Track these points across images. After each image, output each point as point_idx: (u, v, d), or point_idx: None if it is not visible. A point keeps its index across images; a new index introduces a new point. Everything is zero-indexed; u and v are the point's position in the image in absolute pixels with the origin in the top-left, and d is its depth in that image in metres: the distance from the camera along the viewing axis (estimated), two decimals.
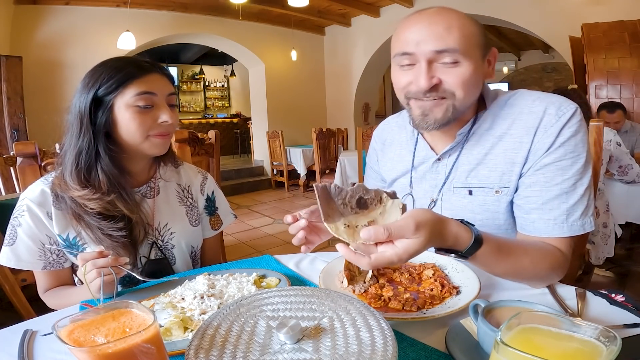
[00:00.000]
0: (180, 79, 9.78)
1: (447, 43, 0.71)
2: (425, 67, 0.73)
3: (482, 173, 0.82)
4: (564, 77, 8.87)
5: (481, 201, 0.82)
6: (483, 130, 0.83)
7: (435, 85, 0.74)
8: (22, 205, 0.85)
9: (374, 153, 1.09)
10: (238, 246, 3.49)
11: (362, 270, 0.80)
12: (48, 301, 0.89)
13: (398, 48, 0.77)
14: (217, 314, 0.46)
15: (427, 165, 0.91)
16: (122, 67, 0.83)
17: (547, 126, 0.74)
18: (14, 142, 1.26)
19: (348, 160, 3.86)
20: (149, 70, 0.86)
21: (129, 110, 0.83)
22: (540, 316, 0.40)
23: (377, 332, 0.41)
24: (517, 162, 0.78)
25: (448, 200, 0.87)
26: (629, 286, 2.26)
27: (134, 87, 0.83)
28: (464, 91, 0.74)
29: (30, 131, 4.11)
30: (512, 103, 0.81)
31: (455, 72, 0.73)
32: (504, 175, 0.79)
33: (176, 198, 1.00)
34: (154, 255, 0.93)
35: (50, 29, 4.62)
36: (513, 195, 0.79)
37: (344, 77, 6.90)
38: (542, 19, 4.27)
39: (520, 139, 0.77)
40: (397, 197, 0.62)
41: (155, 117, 0.86)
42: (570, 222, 0.73)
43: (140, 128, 0.84)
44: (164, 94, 0.87)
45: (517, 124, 0.78)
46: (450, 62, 0.72)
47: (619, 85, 3.25)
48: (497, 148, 0.80)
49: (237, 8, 5.36)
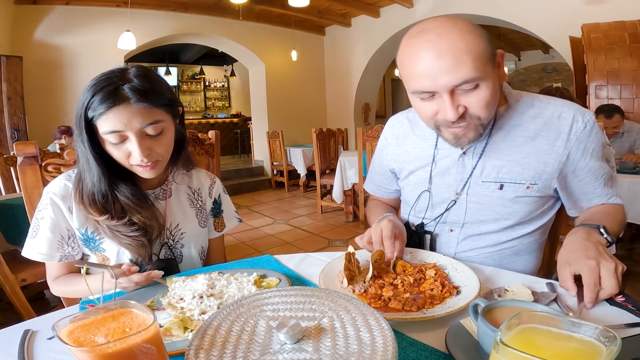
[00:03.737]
0: (180, 79, 9.78)
1: (462, 75, 0.71)
2: (448, 99, 0.74)
3: (516, 169, 0.87)
4: (564, 78, 8.87)
5: (511, 195, 0.88)
6: (510, 126, 0.87)
7: (462, 114, 0.76)
8: (45, 199, 0.87)
9: (385, 149, 1.09)
10: (238, 246, 3.49)
11: (362, 270, 0.80)
12: (55, 288, 0.93)
13: (414, 85, 0.77)
14: (217, 314, 0.46)
15: (451, 159, 0.93)
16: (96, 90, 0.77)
17: (577, 132, 0.83)
18: (14, 142, 1.26)
19: (348, 160, 3.86)
20: (118, 100, 0.76)
21: (106, 142, 0.81)
22: (540, 316, 0.40)
23: (377, 332, 0.41)
24: (549, 162, 0.85)
25: (475, 194, 0.91)
26: (629, 286, 2.26)
27: (101, 123, 0.78)
28: (489, 111, 0.77)
29: (30, 131, 4.11)
30: (539, 105, 0.87)
31: (477, 96, 0.74)
32: (537, 173, 0.86)
33: (187, 200, 1.02)
34: (164, 255, 0.96)
35: (50, 29, 4.62)
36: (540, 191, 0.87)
37: (344, 77, 6.90)
38: (542, 19, 4.27)
39: (553, 142, 0.85)
40: None
41: (128, 150, 0.81)
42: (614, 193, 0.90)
43: (119, 158, 0.83)
44: (135, 128, 0.78)
45: (549, 127, 0.85)
46: (470, 88, 0.73)
47: (619, 86, 3.25)
48: (529, 147, 0.86)
49: (237, 8, 5.37)
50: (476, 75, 0.71)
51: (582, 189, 0.89)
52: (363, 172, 3.70)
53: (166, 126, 0.85)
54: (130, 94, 0.77)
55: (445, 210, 0.94)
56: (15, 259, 1.67)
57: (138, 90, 0.78)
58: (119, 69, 0.82)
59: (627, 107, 3.15)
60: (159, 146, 0.84)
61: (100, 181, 0.84)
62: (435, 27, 0.73)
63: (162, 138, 0.84)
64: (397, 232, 0.85)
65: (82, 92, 0.79)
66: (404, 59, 0.77)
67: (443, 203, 0.95)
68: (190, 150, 1.02)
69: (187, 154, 1.00)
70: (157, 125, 0.81)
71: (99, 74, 0.81)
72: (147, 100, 0.79)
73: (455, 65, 0.70)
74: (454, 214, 0.94)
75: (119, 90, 0.77)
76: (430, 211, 0.98)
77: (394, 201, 1.16)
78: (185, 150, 0.98)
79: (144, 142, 0.81)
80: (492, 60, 0.75)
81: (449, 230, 0.96)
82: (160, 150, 0.85)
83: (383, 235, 0.83)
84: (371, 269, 0.75)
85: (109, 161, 0.84)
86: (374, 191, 1.18)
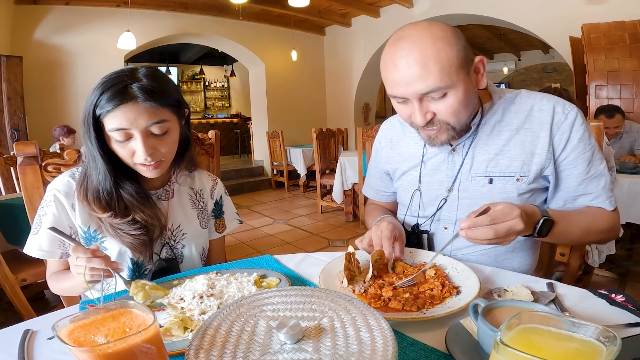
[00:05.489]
0: (180, 79, 9.79)
1: (428, 84, 0.75)
2: (417, 106, 0.79)
3: (503, 162, 0.88)
4: (564, 78, 8.87)
5: (501, 189, 0.89)
6: (494, 122, 0.90)
7: (431, 119, 0.80)
8: (49, 196, 0.88)
9: (380, 152, 1.11)
10: (238, 246, 3.49)
11: (362, 270, 0.80)
12: (51, 285, 0.93)
13: (390, 90, 0.82)
14: (217, 314, 0.46)
15: (441, 157, 0.95)
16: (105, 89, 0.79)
17: (558, 123, 0.85)
18: (14, 142, 1.26)
19: (348, 160, 3.85)
20: (126, 99, 0.78)
21: (112, 139, 0.82)
22: (540, 316, 0.40)
23: (377, 332, 0.41)
24: (536, 153, 0.86)
25: (465, 190, 0.92)
26: (629, 286, 2.25)
27: (108, 120, 0.80)
28: (457, 117, 0.80)
29: (30, 131, 4.11)
30: (520, 100, 0.90)
31: (445, 104, 0.78)
32: (525, 165, 0.87)
33: (189, 201, 1.03)
34: (165, 254, 0.96)
35: (50, 29, 4.62)
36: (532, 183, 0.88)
37: (344, 77, 6.90)
38: (542, 19, 4.26)
39: (537, 133, 0.86)
40: None
41: (133, 148, 0.82)
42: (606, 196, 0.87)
43: (124, 157, 0.84)
44: (140, 126, 0.80)
45: (530, 119, 0.87)
46: (438, 96, 0.77)
47: (619, 86, 3.25)
48: (515, 140, 0.88)
49: (237, 8, 5.36)
50: (442, 85, 0.75)
51: (565, 184, 0.88)
52: (363, 172, 3.70)
53: (171, 126, 0.86)
54: (138, 93, 0.79)
55: (438, 209, 0.95)
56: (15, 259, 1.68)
57: (146, 89, 0.79)
58: (128, 69, 0.83)
59: (627, 107, 3.15)
60: (163, 146, 0.85)
61: (105, 178, 0.85)
62: (412, 35, 0.76)
63: (167, 138, 0.86)
64: (396, 234, 0.86)
65: (91, 90, 0.81)
66: (382, 65, 0.82)
67: (435, 201, 0.96)
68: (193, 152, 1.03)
69: (191, 155, 1.01)
70: (162, 124, 0.83)
71: (109, 73, 0.82)
72: (154, 100, 0.80)
73: (423, 74, 0.74)
74: (447, 211, 0.95)
75: (127, 88, 0.79)
76: (422, 210, 0.99)
77: (392, 204, 1.17)
78: (189, 151, 0.99)
79: (148, 141, 0.82)
80: (465, 67, 0.77)
81: (443, 228, 0.97)
82: (164, 150, 0.86)
83: (382, 236, 0.84)
84: (371, 269, 0.75)
85: (114, 159, 0.85)
86: (373, 195, 1.19)
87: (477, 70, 0.81)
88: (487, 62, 0.83)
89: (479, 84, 0.83)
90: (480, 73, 0.82)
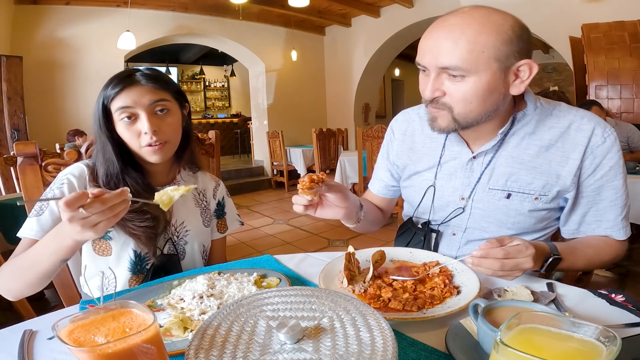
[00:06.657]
0: (180, 79, 9.78)
1: (450, 60, 0.71)
2: (432, 77, 0.75)
3: (524, 179, 0.83)
4: (564, 78, 8.86)
5: (517, 205, 0.84)
6: (524, 134, 0.84)
7: (435, 97, 0.76)
8: (62, 178, 0.89)
9: (390, 143, 1.06)
10: (238, 246, 3.49)
11: (362, 270, 0.80)
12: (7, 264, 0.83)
13: (417, 56, 0.78)
14: (217, 314, 0.46)
15: (459, 162, 0.90)
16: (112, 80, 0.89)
17: (594, 147, 0.80)
18: (14, 142, 1.26)
19: (348, 160, 3.86)
20: (130, 82, 0.87)
21: (119, 123, 0.89)
22: (540, 316, 0.40)
23: (377, 332, 0.41)
24: (562, 175, 0.81)
25: (480, 201, 0.88)
26: (629, 286, 2.25)
27: (115, 102, 0.87)
28: (465, 107, 0.76)
29: (30, 131, 4.11)
30: (558, 114, 0.83)
31: (459, 87, 0.74)
32: (547, 185, 0.82)
33: (192, 200, 1.06)
34: (167, 250, 0.98)
35: (50, 29, 4.62)
36: (550, 202, 0.83)
37: (344, 77, 6.90)
38: (542, 19, 4.26)
39: (568, 154, 0.81)
40: None
41: (138, 129, 0.88)
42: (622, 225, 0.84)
43: (130, 140, 0.89)
44: (144, 105, 0.87)
45: (565, 138, 0.81)
46: (457, 76, 0.73)
47: (619, 86, 3.25)
48: (542, 157, 0.82)
49: (237, 8, 5.37)
50: (463, 66, 0.71)
51: (583, 209, 0.84)
52: (363, 172, 3.70)
53: (173, 107, 0.93)
54: (141, 78, 0.89)
55: (452, 217, 0.92)
56: None
57: (148, 75, 0.90)
58: (134, 68, 0.94)
59: (627, 107, 3.15)
60: (167, 126, 0.91)
61: (113, 164, 0.89)
62: (466, 13, 0.73)
63: (169, 119, 0.92)
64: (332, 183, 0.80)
65: None
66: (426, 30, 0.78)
67: (447, 206, 0.93)
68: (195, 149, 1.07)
69: (193, 150, 1.04)
70: (164, 102, 0.90)
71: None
72: (156, 82, 0.90)
73: (450, 49, 0.71)
74: (458, 218, 0.92)
75: (131, 75, 0.89)
76: (432, 214, 0.96)
77: (390, 202, 1.13)
78: (192, 144, 1.03)
79: (152, 119, 0.88)
80: (502, 62, 0.72)
81: (451, 233, 0.95)
82: (168, 131, 0.91)
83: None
84: (371, 269, 0.75)
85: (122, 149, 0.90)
86: (378, 190, 1.12)
87: (517, 74, 0.75)
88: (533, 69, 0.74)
89: (512, 88, 0.76)
90: (520, 79, 0.75)
